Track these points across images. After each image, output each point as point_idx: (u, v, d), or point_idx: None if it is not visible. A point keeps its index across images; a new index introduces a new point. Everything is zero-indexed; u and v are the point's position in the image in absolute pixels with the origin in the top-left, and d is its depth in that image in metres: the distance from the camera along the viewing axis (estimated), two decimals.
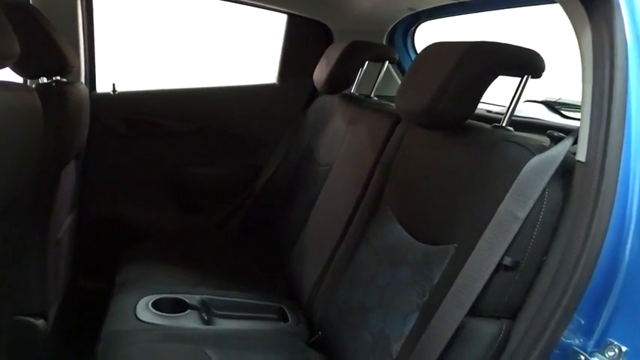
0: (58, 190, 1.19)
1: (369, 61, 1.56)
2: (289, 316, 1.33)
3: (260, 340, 1.18)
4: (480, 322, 0.73)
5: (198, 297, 1.30)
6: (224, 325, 1.27)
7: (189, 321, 1.20)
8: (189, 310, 1.23)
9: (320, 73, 1.59)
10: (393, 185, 1.12)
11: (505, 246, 0.71)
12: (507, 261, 0.71)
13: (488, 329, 0.73)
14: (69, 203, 1.42)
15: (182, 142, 1.84)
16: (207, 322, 1.24)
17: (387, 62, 1.55)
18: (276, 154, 1.89)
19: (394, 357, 0.87)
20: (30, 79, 1.17)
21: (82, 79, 1.64)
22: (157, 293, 1.27)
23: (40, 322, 1.21)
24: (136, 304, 1.20)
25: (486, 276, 0.71)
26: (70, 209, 1.45)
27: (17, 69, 1.17)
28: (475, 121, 0.98)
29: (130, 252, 1.54)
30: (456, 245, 0.85)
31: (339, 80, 1.53)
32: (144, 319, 1.15)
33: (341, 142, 1.49)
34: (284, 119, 1.89)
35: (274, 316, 1.35)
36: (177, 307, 1.24)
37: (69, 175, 1.36)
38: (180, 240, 1.71)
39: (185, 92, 1.85)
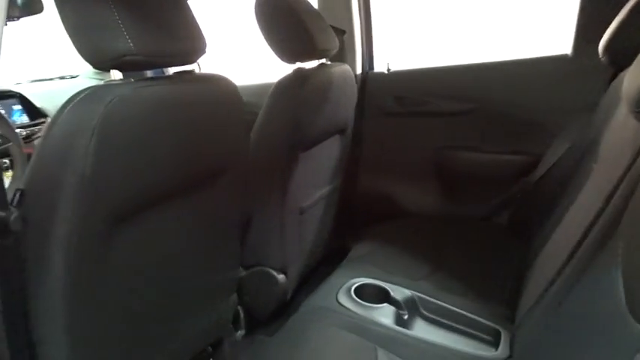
0: (296, 168, 1.33)
1: None
2: (502, 343, 1.11)
3: None
4: None
5: (408, 292, 1.24)
6: (419, 330, 1.18)
7: (383, 315, 1.17)
8: (385, 304, 1.20)
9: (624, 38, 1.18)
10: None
11: None
12: None
13: None
14: (326, 176, 1.57)
15: (452, 123, 1.73)
16: (402, 323, 1.18)
17: None
18: (560, 143, 1.54)
19: None
20: (287, 63, 1.33)
21: (359, 60, 1.74)
22: (370, 277, 1.28)
23: (281, 277, 1.42)
24: (344, 283, 1.25)
25: None
26: (329, 181, 1.60)
27: (281, 55, 1.34)
28: None
29: (374, 228, 1.59)
30: None
31: None
32: (342, 302, 1.19)
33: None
34: (575, 100, 1.51)
35: (487, 337, 1.16)
36: (381, 297, 1.23)
37: (326, 150, 1.50)
38: (431, 225, 1.64)
39: (458, 69, 1.71)
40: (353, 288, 1.23)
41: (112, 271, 0.82)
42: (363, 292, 1.23)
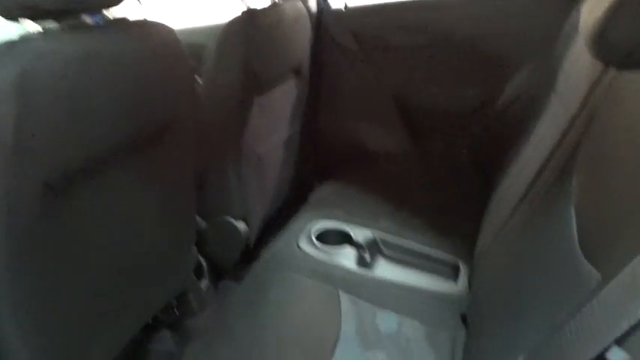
0: (251, 113, 1.28)
1: None
2: (460, 277, 1.14)
3: (405, 303, 1.06)
4: None
5: (369, 232, 1.25)
6: (381, 270, 1.19)
7: (345, 257, 1.18)
8: (346, 247, 1.20)
9: None
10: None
11: None
12: None
13: None
14: (285, 120, 1.52)
15: (412, 58, 1.68)
16: (365, 265, 1.19)
17: None
18: (522, 75, 1.52)
19: None
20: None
21: None
22: (332, 219, 1.28)
23: (241, 225, 1.39)
24: (303, 229, 1.24)
25: None
26: (288, 126, 1.55)
27: None
28: None
29: (335, 170, 1.57)
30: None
31: None
32: (302, 247, 1.18)
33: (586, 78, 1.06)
34: (535, 30, 1.47)
35: (447, 270, 1.19)
36: (342, 239, 1.23)
37: (282, 93, 1.44)
38: (393, 164, 1.64)
39: (417, 3, 1.64)
40: (313, 232, 1.23)
41: (55, 241, 0.77)
42: (323, 236, 1.23)
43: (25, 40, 0.68)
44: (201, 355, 0.93)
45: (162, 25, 0.93)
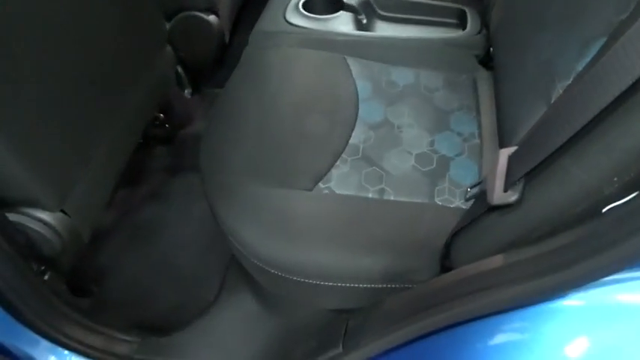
0: None
1: None
2: (469, 22, 1.04)
3: (416, 55, 0.97)
4: None
5: None
6: (381, 31, 1.08)
7: (340, 24, 1.05)
8: (341, 12, 1.06)
9: None
10: None
11: None
12: None
13: None
14: None
15: None
16: (363, 27, 1.07)
17: None
18: None
19: (551, 102, 0.58)
20: None
21: None
22: None
23: (211, 17, 1.22)
24: (288, 3, 1.08)
25: None
26: None
27: None
28: None
29: None
30: None
31: None
32: (292, 20, 1.04)
33: None
34: None
35: (453, 18, 1.08)
36: (331, 7, 1.08)
37: None
38: None
39: None
40: (300, 3, 1.07)
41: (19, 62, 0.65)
42: (312, 6, 1.07)
43: None
44: (209, 152, 0.85)
45: None
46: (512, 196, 0.52)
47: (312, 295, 0.76)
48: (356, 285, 0.69)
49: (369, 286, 0.70)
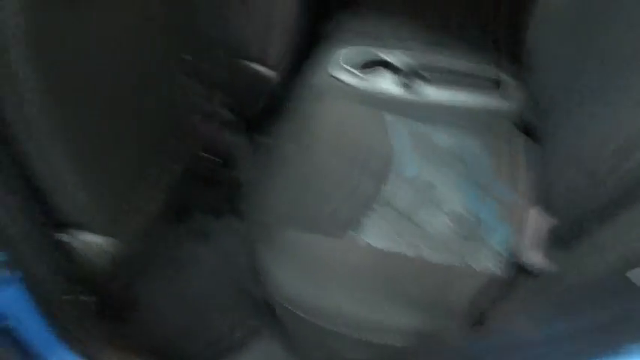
0: None
1: None
2: (511, 91, 1.08)
3: (456, 120, 1.00)
4: None
5: (403, 56, 1.15)
6: (426, 92, 1.12)
7: (381, 82, 1.09)
8: (382, 70, 1.11)
9: None
10: None
11: None
12: None
13: None
14: None
15: None
16: (408, 87, 1.11)
17: None
18: None
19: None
20: None
21: None
22: (358, 44, 1.16)
23: (262, 68, 1.28)
24: (329, 58, 1.13)
25: None
26: None
27: None
28: None
29: None
30: None
31: None
32: (336, 75, 1.09)
33: None
34: None
35: (490, 84, 1.12)
36: (373, 63, 1.13)
37: None
38: None
39: None
40: (341, 58, 1.12)
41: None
42: (353, 61, 1.13)
43: None
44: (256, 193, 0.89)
45: None
46: (548, 264, 0.53)
47: (338, 346, 0.76)
48: (383, 342, 0.70)
49: (396, 345, 0.70)
